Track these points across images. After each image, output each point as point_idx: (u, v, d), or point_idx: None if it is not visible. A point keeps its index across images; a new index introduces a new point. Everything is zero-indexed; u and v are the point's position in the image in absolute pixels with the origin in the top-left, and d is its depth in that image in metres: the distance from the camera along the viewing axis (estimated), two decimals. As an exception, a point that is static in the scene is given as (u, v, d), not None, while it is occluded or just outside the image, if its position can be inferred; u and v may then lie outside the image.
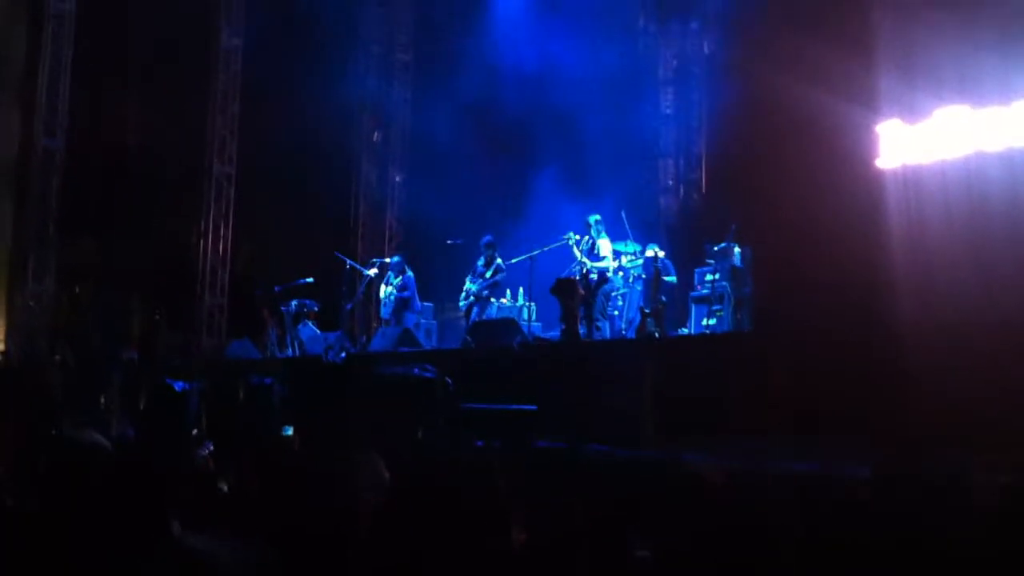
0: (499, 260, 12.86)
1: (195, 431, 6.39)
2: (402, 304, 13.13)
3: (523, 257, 12.76)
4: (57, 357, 13.77)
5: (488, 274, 12.86)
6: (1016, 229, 8.68)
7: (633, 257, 11.87)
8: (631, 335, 10.99)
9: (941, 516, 2.91)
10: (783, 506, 3.14)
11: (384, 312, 13.48)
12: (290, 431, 5.56)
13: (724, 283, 11.04)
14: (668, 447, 6.73)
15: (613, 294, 11.74)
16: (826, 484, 3.86)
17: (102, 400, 10.61)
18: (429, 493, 2.59)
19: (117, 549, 2.58)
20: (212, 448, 4.66)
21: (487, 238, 13.02)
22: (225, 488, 3.59)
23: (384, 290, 13.49)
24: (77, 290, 16.66)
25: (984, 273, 8.91)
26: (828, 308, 9.40)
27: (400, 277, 13.31)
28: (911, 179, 10.73)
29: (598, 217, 12.12)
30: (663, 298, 11.05)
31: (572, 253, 12.12)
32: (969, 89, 10.15)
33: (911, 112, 10.64)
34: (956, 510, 2.87)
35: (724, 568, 2.58)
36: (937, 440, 5.65)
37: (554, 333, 11.43)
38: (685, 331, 11.34)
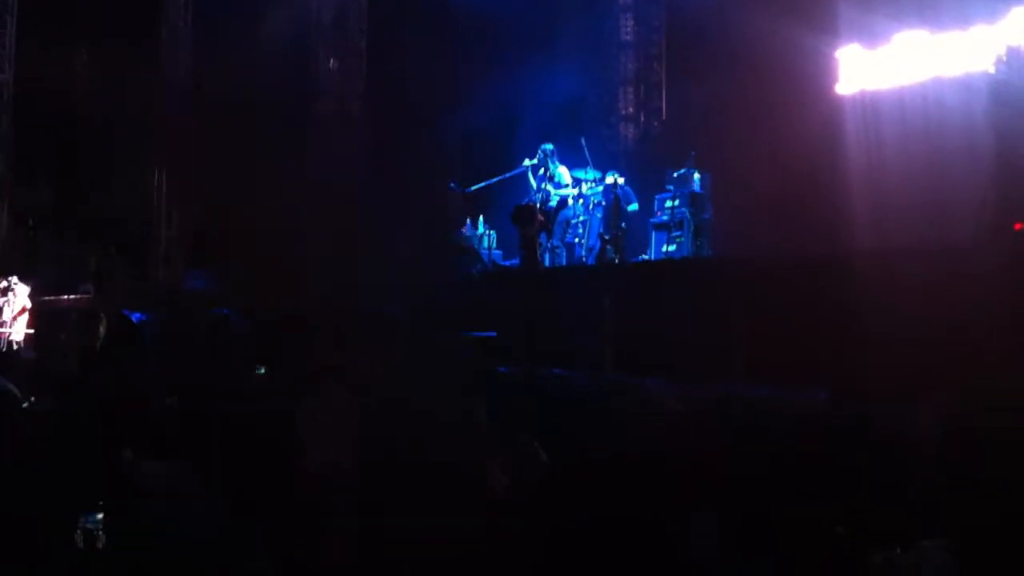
0: (452, 184, 12.78)
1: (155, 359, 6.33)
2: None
3: (482, 185, 12.69)
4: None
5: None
6: (972, 154, 8.72)
7: (593, 184, 11.82)
8: (591, 262, 10.99)
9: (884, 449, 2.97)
10: (741, 429, 3.17)
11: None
12: (263, 370, 5.53)
13: (684, 209, 11.04)
14: (627, 372, 6.78)
15: (573, 221, 11.71)
16: (783, 406, 3.91)
17: (61, 336, 10.52)
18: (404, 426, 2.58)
19: (70, 474, 2.56)
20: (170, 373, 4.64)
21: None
22: (175, 406, 3.57)
23: None
24: (31, 224, 16.41)
25: (940, 198, 8.98)
26: (786, 233, 9.45)
27: None
28: (870, 105, 10.74)
29: (551, 146, 12.05)
30: (623, 225, 11.04)
31: (528, 183, 12.07)
32: (928, 13, 10.14)
33: (871, 37, 10.62)
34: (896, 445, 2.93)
35: (681, 488, 2.60)
36: (892, 368, 5.72)
37: (515, 261, 11.40)
38: (645, 257, 11.36)
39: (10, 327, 13.24)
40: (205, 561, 2.60)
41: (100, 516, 2.47)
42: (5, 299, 13.33)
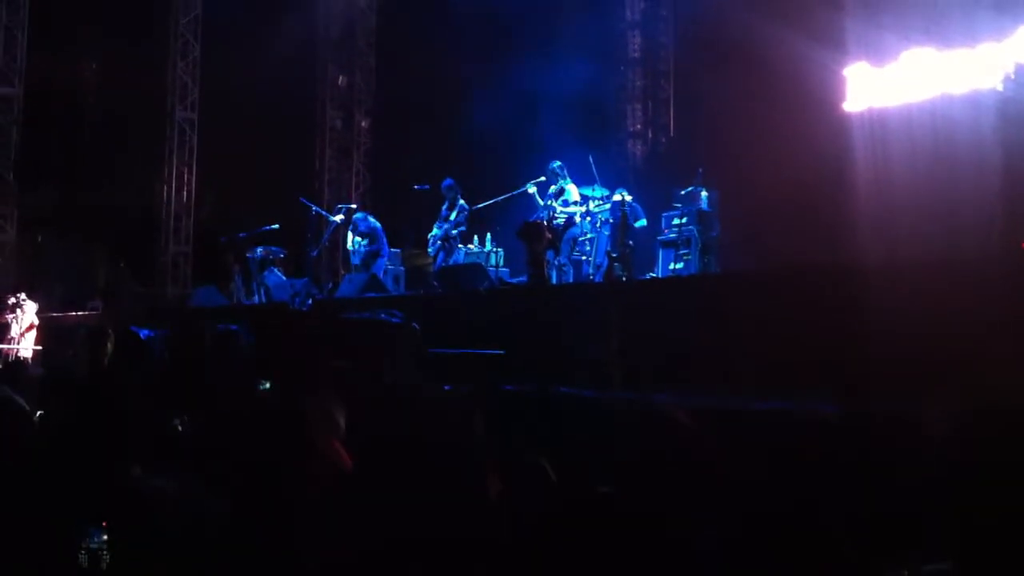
0: (462, 202, 12.79)
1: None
2: (371, 256, 13.05)
3: (489, 202, 12.71)
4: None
5: (452, 216, 12.79)
6: (980, 171, 8.72)
7: (601, 202, 11.81)
8: (599, 279, 10.98)
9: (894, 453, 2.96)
10: (752, 443, 3.16)
11: (354, 260, 13.41)
12: (267, 385, 5.52)
13: (691, 227, 11.04)
14: (636, 390, 6.76)
15: (581, 239, 11.71)
16: (794, 421, 3.89)
17: (70, 353, 10.53)
18: (403, 437, 2.56)
19: (76, 491, 2.56)
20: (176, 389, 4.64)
21: (448, 181, 12.94)
22: (180, 427, 3.56)
23: (352, 239, 13.39)
24: (39, 240, 16.46)
25: (949, 214, 8.97)
26: (794, 250, 9.45)
27: (368, 233, 13.21)
28: (877, 122, 10.75)
29: (560, 164, 12.08)
30: (630, 242, 11.03)
31: (535, 200, 12.08)
32: (935, 31, 10.16)
33: (878, 54, 10.64)
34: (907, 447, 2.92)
35: (688, 504, 2.59)
36: (899, 383, 5.69)
37: (522, 279, 11.39)
38: (652, 275, 11.34)
39: (18, 343, 13.27)
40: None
41: (105, 535, 2.46)
42: (13, 315, 13.37)
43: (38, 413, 3.48)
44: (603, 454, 3.12)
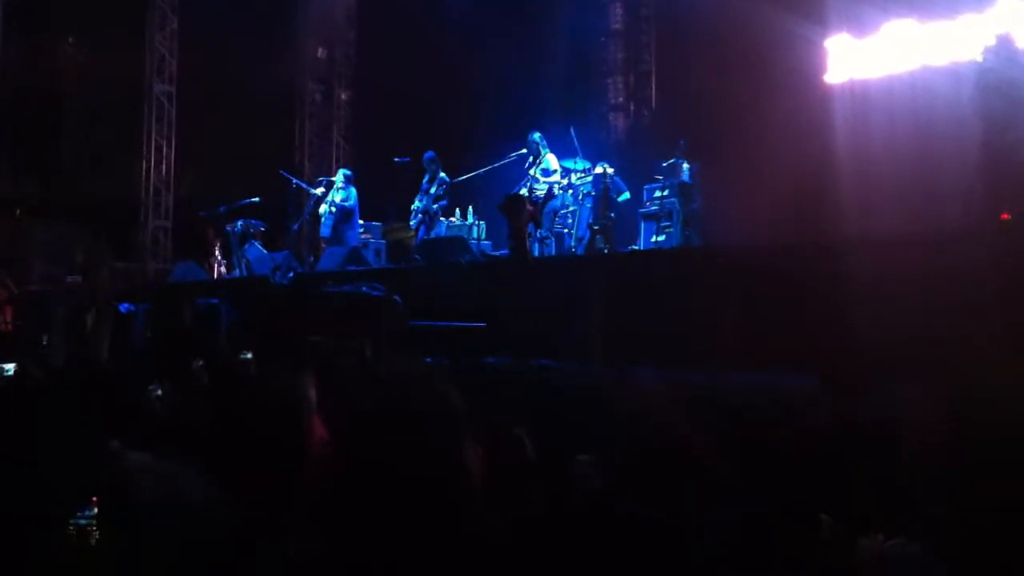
0: (442, 174, 12.76)
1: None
2: (343, 216, 12.98)
3: (471, 175, 12.68)
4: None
5: (432, 190, 12.75)
6: (960, 143, 8.73)
7: (583, 174, 11.81)
8: (580, 252, 10.98)
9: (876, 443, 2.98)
10: (730, 416, 3.17)
11: (323, 231, 13.34)
12: (249, 355, 5.52)
13: (673, 199, 11.04)
14: (615, 363, 6.78)
15: (562, 211, 11.71)
16: (773, 395, 3.91)
17: (45, 337, 10.49)
18: (380, 410, 2.56)
19: (51, 467, 2.55)
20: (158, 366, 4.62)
21: (429, 154, 12.89)
22: (160, 401, 3.56)
23: (323, 208, 13.33)
24: (18, 215, 16.33)
25: (929, 186, 9.00)
26: (775, 223, 9.46)
27: (345, 190, 13.16)
28: (858, 94, 10.76)
29: (539, 134, 12.07)
30: (612, 215, 11.04)
31: (520, 170, 12.07)
32: (917, 3, 10.16)
33: (859, 26, 10.64)
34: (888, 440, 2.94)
35: (666, 475, 2.60)
36: (878, 355, 5.73)
37: (504, 251, 11.39)
38: (634, 248, 11.35)
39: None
40: (197, 555, 2.58)
41: (94, 511, 2.45)
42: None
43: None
44: (581, 426, 3.13)
